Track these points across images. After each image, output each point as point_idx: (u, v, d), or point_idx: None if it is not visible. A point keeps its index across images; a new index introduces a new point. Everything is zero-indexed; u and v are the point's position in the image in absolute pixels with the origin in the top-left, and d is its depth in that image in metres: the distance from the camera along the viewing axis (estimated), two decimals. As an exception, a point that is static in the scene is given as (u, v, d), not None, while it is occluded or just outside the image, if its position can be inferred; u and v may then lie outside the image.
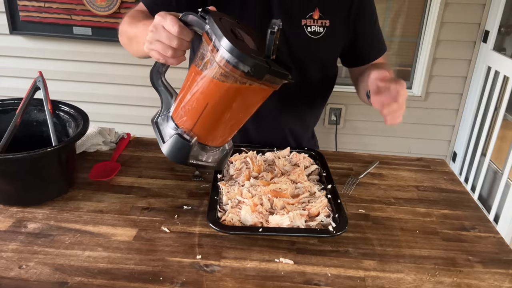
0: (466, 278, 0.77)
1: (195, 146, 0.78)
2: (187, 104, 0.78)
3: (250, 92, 0.74)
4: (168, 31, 0.74)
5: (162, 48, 0.75)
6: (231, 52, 0.67)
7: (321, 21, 1.08)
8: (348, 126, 2.65)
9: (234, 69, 0.69)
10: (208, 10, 0.74)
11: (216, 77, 0.72)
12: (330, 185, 0.96)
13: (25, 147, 0.85)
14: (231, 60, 0.68)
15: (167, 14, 0.74)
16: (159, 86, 0.84)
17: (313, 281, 0.74)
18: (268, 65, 0.69)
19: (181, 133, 0.78)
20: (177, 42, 0.74)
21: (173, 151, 0.78)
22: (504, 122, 2.31)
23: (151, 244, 0.81)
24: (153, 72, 0.84)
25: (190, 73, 0.78)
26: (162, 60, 0.78)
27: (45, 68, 1.63)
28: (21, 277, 0.72)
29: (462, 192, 1.06)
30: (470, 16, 2.42)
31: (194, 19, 0.74)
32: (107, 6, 2.32)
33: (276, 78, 0.73)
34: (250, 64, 0.68)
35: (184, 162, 0.79)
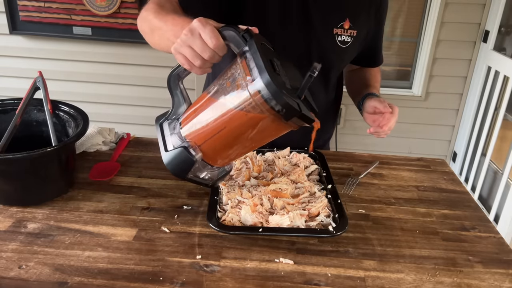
0: (466, 278, 0.77)
1: (198, 163, 0.76)
2: (202, 119, 0.75)
3: (271, 127, 0.72)
4: (203, 41, 0.70)
5: (192, 56, 0.72)
6: (268, 87, 0.65)
7: (350, 31, 1.10)
8: (348, 126, 2.65)
9: (266, 104, 0.67)
10: (251, 33, 0.71)
11: (244, 105, 0.69)
12: (330, 185, 0.96)
13: (25, 147, 0.85)
14: (265, 95, 0.66)
15: (207, 23, 0.71)
16: (175, 90, 0.81)
17: (313, 281, 0.74)
18: (299, 108, 0.68)
19: (187, 147, 0.75)
20: (210, 54, 0.71)
21: (175, 163, 0.76)
22: (504, 122, 2.31)
23: (151, 244, 0.81)
24: (172, 74, 0.81)
25: (213, 87, 0.75)
26: (187, 67, 0.75)
27: (45, 68, 1.63)
28: (21, 277, 0.72)
29: (462, 192, 1.06)
30: (470, 16, 2.42)
31: (233, 36, 0.70)
32: (107, 6, 2.32)
33: (302, 121, 0.71)
34: (283, 105, 0.66)
35: (182, 177, 0.77)
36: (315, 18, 1.08)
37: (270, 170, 1.01)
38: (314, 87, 1.17)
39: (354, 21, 1.10)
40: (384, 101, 1.10)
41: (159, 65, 2.44)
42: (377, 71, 1.31)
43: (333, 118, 1.34)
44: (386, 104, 1.08)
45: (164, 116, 0.83)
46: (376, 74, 1.30)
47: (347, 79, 1.35)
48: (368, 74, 1.29)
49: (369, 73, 1.29)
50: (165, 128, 0.80)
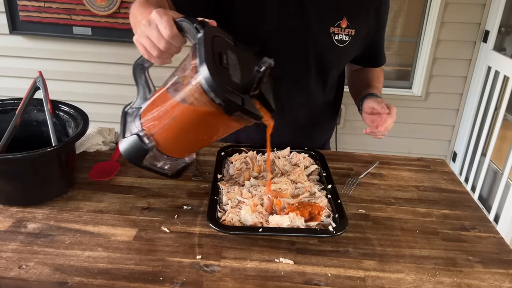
0: (466, 278, 0.77)
1: (151, 151, 0.76)
2: (156, 109, 0.76)
3: (218, 121, 0.72)
4: (159, 32, 0.72)
5: (149, 46, 0.74)
6: (206, 80, 0.65)
7: (348, 30, 1.10)
8: (348, 126, 2.65)
9: (206, 96, 0.67)
10: (205, 23, 0.71)
11: (188, 96, 0.69)
12: (330, 185, 0.96)
13: (25, 147, 0.85)
14: (205, 87, 0.66)
15: (165, 14, 0.72)
16: (139, 79, 0.83)
17: (313, 281, 0.74)
18: (242, 103, 0.67)
19: (141, 136, 0.76)
20: (165, 45, 0.73)
21: (129, 150, 0.77)
22: (504, 122, 2.31)
23: (151, 244, 0.81)
24: (136, 65, 0.83)
25: (170, 78, 0.76)
26: (146, 57, 0.77)
27: (45, 68, 1.63)
28: (21, 277, 0.72)
29: (462, 192, 1.06)
30: (470, 16, 2.42)
31: (188, 27, 0.71)
32: (107, 6, 2.32)
33: (247, 117, 0.71)
34: (223, 99, 0.66)
35: (137, 164, 0.78)
36: (310, 17, 1.07)
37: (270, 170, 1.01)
38: (312, 86, 1.17)
39: (352, 20, 1.10)
40: (382, 101, 1.09)
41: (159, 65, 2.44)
42: (379, 71, 1.31)
43: (332, 118, 1.34)
44: (383, 104, 1.07)
45: (130, 104, 0.84)
46: (378, 75, 1.30)
47: (349, 79, 1.35)
48: (370, 74, 1.29)
49: (371, 74, 1.29)
50: (128, 116, 0.81)
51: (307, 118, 1.23)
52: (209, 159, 1.13)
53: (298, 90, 1.17)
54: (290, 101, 1.18)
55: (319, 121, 1.27)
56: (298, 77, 1.15)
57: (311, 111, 1.23)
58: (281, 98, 1.16)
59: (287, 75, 1.13)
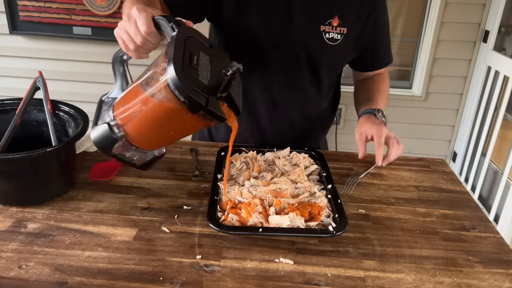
0: (466, 278, 0.77)
1: (120, 141, 0.79)
2: (127, 101, 0.79)
3: (183, 118, 0.74)
4: (137, 27, 0.75)
5: (127, 40, 0.77)
6: (172, 78, 0.68)
7: (340, 28, 1.09)
8: (348, 126, 2.65)
9: (172, 94, 0.69)
10: (180, 23, 0.74)
11: (156, 92, 0.72)
12: (330, 185, 0.96)
13: (25, 147, 0.85)
14: (171, 85, 0.68)
15: (143, 10, 0.75)
16: (117, 71, 0.87)
17: (313, 281, 0.74)
18: (205, 103, 0.70)
19: (112, 125, 0.78)
20: (142, 40, 0.76)
21: (99, 138, 0.79)
22: (504, 122, 2.31)
23: (151, 244, 0.81)
24: (116, 57, 0.86)
25: (144, 72, 0.78)
26: (124, 50, 0.80)
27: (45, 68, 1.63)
28: (21, 277, 0.72)
29: (462, 192, 1.06)
30: (470, 16, 2.42)
31: (164, 25, 0.74)
32: (107, 6, 2.32)
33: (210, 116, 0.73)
34: (186, 97, 0.68)
35: (106, 153, 0.80)
36: (299, 15, 1.07)
37: (270, 170, 1.01)
38: (305, 84, 1.17)
39: (344, 19, 1.09)
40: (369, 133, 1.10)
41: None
42: (381, 81, 1.27)
43: (329, 118, 1.33)
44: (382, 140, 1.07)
45: (107, 94, 0.87)
46: (378, 86, 1.26)
47: (354, 93, 1.32)
48: (369, 86, 1.26)
49: (371, 85, 1.26)
50: (103, 105, 0.84)
51: (301, 115, 1.23)
52: (209, 159, 1.13)
53: (291, 88, 1.17)
54: (283, 98, 1.18)
55: (314, 120, 1.26)
56: (290, 74, 1.14)
57: (305, 109, 1.22)
58: (273, 95, 1.17)
59: (279, 72, 1.13)
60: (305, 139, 1.27)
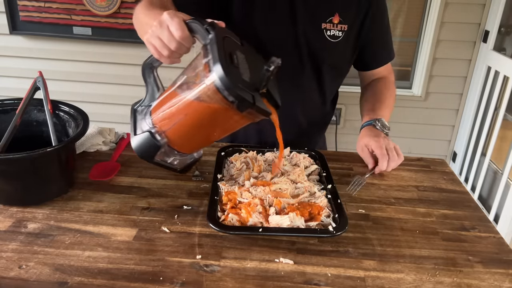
0: (466, 278, 0.77)
1: (163, 148, 0.79)
2: (167, 106, 0.78)
3: (229, 117, 0.74)
4: (171, 33, 0.74)
5: (160, 46, 0.76)
6: (221, 79, 0.67)
7: (341, 25, 1.10)
8: (348, 126, 2.65)
9: (220, 94, 0.69)
10: (214, 25, 0.74)
11: (200, 95, 0.72)
12: (330, 185, 0.96)
13: (25, 147, 0.85)
14: (219, 86, 0.68)
15: (175, 15, 0.74)
16: (148, 78, 0.86)
17: (313, 281, 0.74)
18: (253, 101, 0.70)
19: (153, 132, 0.78)
20: (176, 45, 0.75)
21: (141, 147, 0.79)
22: (504, 122, 2.31)
23: (151, 244, 0.81)
24: (146, 63, 0.85)
25: (180, 77, 0.78)
26: (157, 56, 0.79)
27: (45, 68, 1.63)
28: (21, 277, 0.72)
29: (462, 192, 1.06)
30: (470, 16, 2.42)
31: (198, 28, 0.74)
32: (107, 6, 2.32)
33: (257, 113, 0.74)
34: (235, 96, 0.68)
35: (149, 160, 0.80)
36: (301, 13, 1.08)
37: (270, 170, 1.01)
38: (308, 86, 1.17)
39: (344, 16, 1.10)
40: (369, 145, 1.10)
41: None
42: (384, 87, 1.27)
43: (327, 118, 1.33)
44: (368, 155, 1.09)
45: (139, 102, 0.86)
46: (381, 92, 1.25)
47: (360, 99, 1.32)
48: (373, 93, 1.26)
49: (374, 93, 1.26)
50: (137, 114, 0.84)
51: (303, 115, 1.23)
52: (209, 159, 1.13)
53: (294, 87, 1.17)
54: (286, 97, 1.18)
55: (315, 118, 1.27)
56: (293, 74, 1.15)
57: (307, 108, 1.23)
58: None
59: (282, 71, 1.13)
60: (305, 137, 1.27)
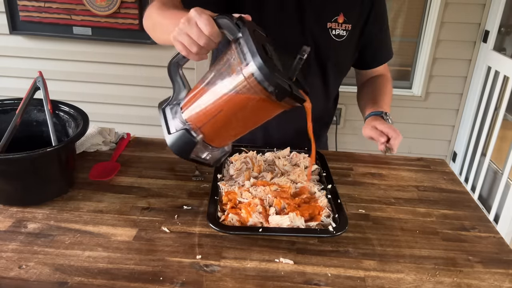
0: (466, 278, 0.77)
1: (199, 144, 0.80)
2: (201, 103, 0.78)
3: (265, 107, 0.76)
4: (199, 29, 0.74)
5: (189, 43, 0.76)
6: (260, 70, 0.69)
7: (345, 25, 1.12)
8: (348, 126, 2.65)
9: (259, 85, 0.71)
10: (244, 20, 0.75)
11: (239, 88, 0.73)
12: (330, 185, 0.96)
13: (25, 147, 0.85)
14: (258, 77, 0.70)
15: (203, 12, 0.75)
16: (175, 76, 0.86)
17: (313, 281, 0.74)
18: (290, 89, 0.72)
19: (189, 129, 0.79)
20: (205, 41, 0.75)
21: (178, 144, 0.79)
22: (504, 122, 2.31)
23: (151, 244, 0.81)
24: (172, 62, 0.85)
25: (210, 73, 0.79)
26: (185, 54, 0.78)
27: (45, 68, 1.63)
28: (21, 277, 0.72)
29: (462, 192, 1.06)
30: (470, 16, 2.42)
31: (227, 24, 0.74)
32: (107, 6, 2.32)
33: (293, 101, 0.75)
34: (275, 85, 0.70)
35: (185, 157, 0.81)
36: (308, 13, 1.09)
37: (270, 170, 1.01)
38: (313, 84, 1.18)
39: (348, 16, 1.12)
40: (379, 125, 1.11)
41: (159, 65, 2.44)
42: (384, 83, 1.28)
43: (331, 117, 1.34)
44: (379, 132, 1.10)
45: (166, 101, 0.87)
46: (381, 87, 1.27)
47: (357, 96, 1.34)
48: (373, 88, 1.27)
49: (374, 87, 1.27)
50: (167, 113, 0.84)
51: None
52: (209, 159, 1.13)
53: None
54: None
55: (319, 116, 1.27)
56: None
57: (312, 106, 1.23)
58: None
59: None
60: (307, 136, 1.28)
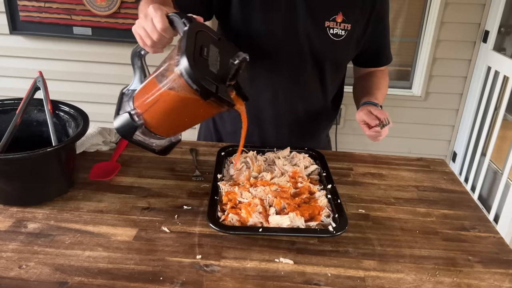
0: (466, 278, 0.77)
1: (140, 128, 0.85)
2: (145, 91, 0.84)
3: (197, 105, 0.79)
4: (153, 24, 0.80)
5: (144, 36, 0.83)
6: (185, 68, 0.73)
7: (344, 24, 1.12)
8: (348, 126, 2.65)
9: (185, 83, 0.75)
10: (191, 18, 0.80)
11: (171, 83, 0.77)
12: (330, 185, 0.96)
13: (25, 147, 0.85)
14: (184, 75, 0.74)
15: (159, 9, 0.80)
16: (135, 65, 0.93)
17: (313, 281, 0.74)
18: (215, 90, 0.75)
19: (132, 114, 0.84)
20: (157, 36, 0.81)
21: (121, 126, 0.85)
22: (504, 122, 2.31)
23: (151, 244, 0.81)
24: (134, 52, 0.92)
25: (160, 66, 0.84)
26: (142, 45, 0.86)
27: (45, 68, 1.63)
28: (21, 277, 0.72)
29: (462, 192, 1.06)
30: (470, 16, 2.42)
31: (177, 21, 0.80)
32: (107, 6, 2.32)
33: (220, 102, 0.79)
34: (198, 85, 0.74)
35: (128, 138, 0.86)
36: (303, 11, 1.09)
37: (270, 170, 1.01)
38: (310, 82, 1.18)
39: (348, 15, 1.11)
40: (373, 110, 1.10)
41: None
42: (381, 77, 1.30)
43: (331, 114, 1.34)
44: (373, 115, 1.09)
45: (127, 86, 0.93)
46: (378, 81, 1.28)
47: (353, 88, 1.35)
48: (370, 81, 1.28)
49: (371, 81, 1.28)
50: (124, 96, 0.91)
51: (305, 111, 1.24)
52: (209, 159, 1.13)
53: (296, 84, 1.18)
54: (288, 94, 1.19)
55: (317, 115, 1.27)
56: (295, 71, 1.16)
57: (309, 105, 1.23)
58: (278, 91, 1.18)
59: (284, 69, 1.15)
60: (308, 135, 1.28)
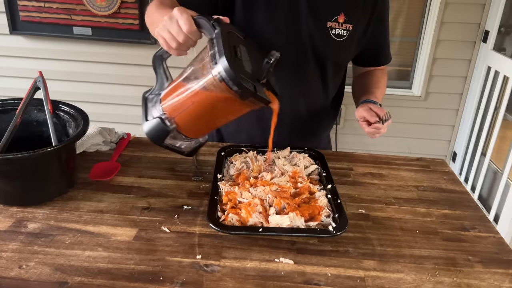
0: (466, 278, 0.77)
1: (172, 132, 0.85)
2: (176, 95, 0.84)
3: (233, 105, 0.80)
4: (179, 27, 0.80)
5: (169, 38, 0.82)
6: (225, 70, 0.74)
7: (346, 25, 1.12)
8: (348, 126, 2.65)
9: (224, 84, 0.75)
10: (220, 21, 0.80)
11: (207, 84, 0.78)
12: (330, 185, 0.96)
13: (25, 147, 0.85)
14: (223, 76, 0.74)
15: (184, 11, 0.81)
16: (158, 69, 0.92)
17: (313, 281, 0.74)
18: (254, 90, 0.76)
19: (163, 118, 0.84)
20: (184, 38, 0.81)
21: (153, 131, 0.85)
22: (504, 122, 2.31)
23: (151, 244, 0.81)
24: (156, 55, 0.92)
25: (188, 68, 0.84)
26: (166, 48, 0.85)
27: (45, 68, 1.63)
28: (21, 277, 0.72)
29: (462, 192, 1.06)
30: (470, 16, 2.42)
31: (205, 24, 0.80)
32: (107, 6, 2.32)
33: (257, 101, 0.80)
34: (238, 85, 0.74)
35: (159, 144, 0.87)
36: (304, 12, 1.09)
37: (270, 170, 1.01)
38: (312, 81, 1.19)
39: (349, 15, 1.12)
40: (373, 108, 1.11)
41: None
42: (380, 76, 1.31)
43: (332, 114, 1.34)
44: (373, 112, 1.10)
45: (149, 91, 0.93)
46: (377, 80, 1.29)
47: (352, 86, 1.36)
48: (369, 80, 1.29)
49: (371, 80, 1.29)
50: (148, 101, 0.90)
51: (306, 110, 1.24)
52: (209, 159, 1.13)
53: (297, 83, 1.19)
54: (289, 90, 1.19)
55: (318, 115, 1.27)
56: (297, 70, 1.17)
57: (310, 104, 1.24)
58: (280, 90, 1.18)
59: (286, 68, 1.15)
60: (309, 134, 1.28)
